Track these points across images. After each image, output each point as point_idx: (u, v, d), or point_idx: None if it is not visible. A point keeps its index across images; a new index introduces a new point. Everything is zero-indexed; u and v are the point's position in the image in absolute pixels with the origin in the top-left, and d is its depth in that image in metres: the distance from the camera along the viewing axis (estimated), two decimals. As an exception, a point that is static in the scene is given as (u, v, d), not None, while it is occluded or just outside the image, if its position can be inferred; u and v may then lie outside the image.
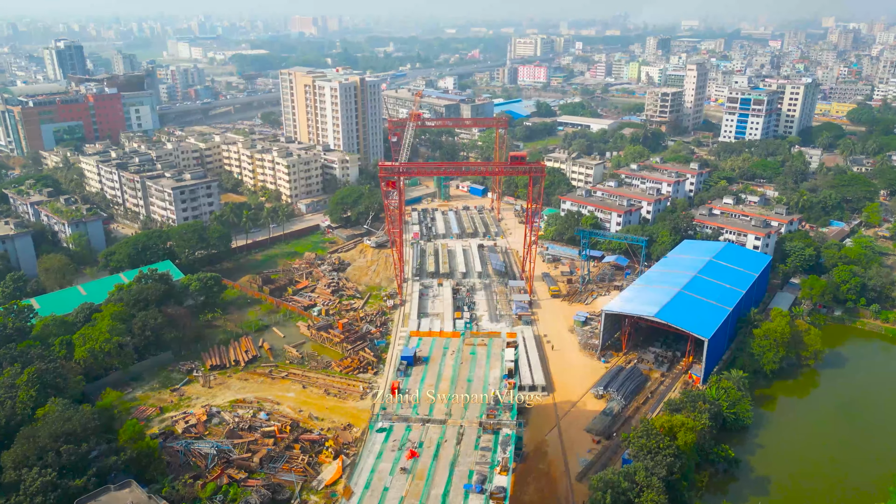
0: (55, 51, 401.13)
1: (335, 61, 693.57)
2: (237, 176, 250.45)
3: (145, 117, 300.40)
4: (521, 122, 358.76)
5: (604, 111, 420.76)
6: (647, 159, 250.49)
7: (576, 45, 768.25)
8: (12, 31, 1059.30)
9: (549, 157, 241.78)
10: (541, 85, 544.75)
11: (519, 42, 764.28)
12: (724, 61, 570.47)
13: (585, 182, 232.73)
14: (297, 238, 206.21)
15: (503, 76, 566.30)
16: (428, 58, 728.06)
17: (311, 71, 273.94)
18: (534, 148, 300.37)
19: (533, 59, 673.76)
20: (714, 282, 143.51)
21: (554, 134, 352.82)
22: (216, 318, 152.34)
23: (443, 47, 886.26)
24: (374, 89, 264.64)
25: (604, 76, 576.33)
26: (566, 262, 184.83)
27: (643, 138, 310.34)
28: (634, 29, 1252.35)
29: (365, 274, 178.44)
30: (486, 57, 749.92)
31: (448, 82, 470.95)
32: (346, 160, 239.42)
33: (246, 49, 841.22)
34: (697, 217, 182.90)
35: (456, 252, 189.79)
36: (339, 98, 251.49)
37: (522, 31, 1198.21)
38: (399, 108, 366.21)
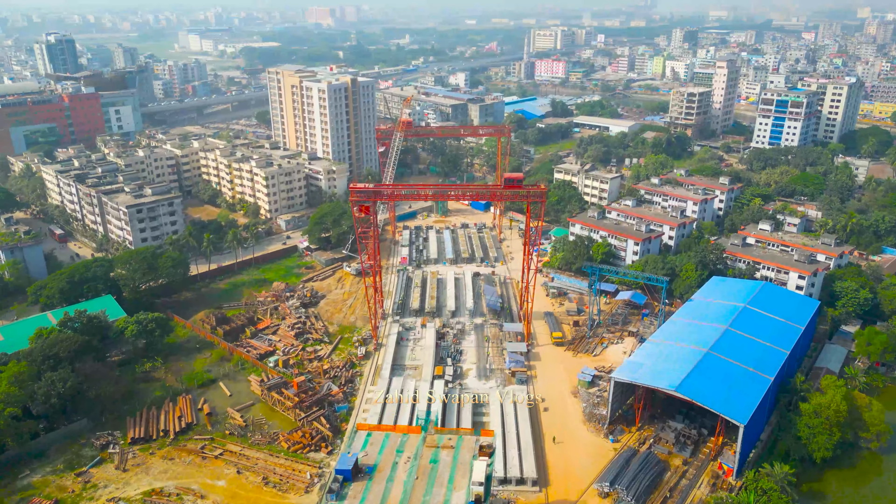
0: (45, 45, 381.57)
1: (346, 54, 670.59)
2: (216, 186, 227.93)
3: (126, 118, 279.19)
4: (534, 123, 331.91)
5: (624, 110, 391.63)
6: (671, 170, 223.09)
7: (598, 37, 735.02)
8: (27, 22, 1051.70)
9: (559, 169, 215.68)
10: (559, 80, 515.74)
11: (538, 34, 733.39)
12: (756, 55, 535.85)
13: (600, 198, 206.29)
14: (272, 261, 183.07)
15: (519, 71, 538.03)
16: (443, 50, 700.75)
17: (299, 70, 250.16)
18: (545, 155, 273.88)
19: (552, 53, 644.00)
20: (750, 338, 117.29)
21: (569, 136, 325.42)
22: (157, 367, 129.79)
23: (460, 39, 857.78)
24: (368, 90, 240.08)
25: (626, 71, 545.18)
26: (574, 296, 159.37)
27: (666, 143, 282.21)
28: (661, 19, 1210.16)
29: (339, 310, 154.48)
30: (505, 50, 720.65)
31: (459, 78, 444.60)
32: (333, 170, 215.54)
33: (257, 41, 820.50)
34: (729, 248, 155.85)
35: (447, 282, 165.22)
36: (327, 101, 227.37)
37: (544, 22, 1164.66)
38: (403, 110, 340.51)
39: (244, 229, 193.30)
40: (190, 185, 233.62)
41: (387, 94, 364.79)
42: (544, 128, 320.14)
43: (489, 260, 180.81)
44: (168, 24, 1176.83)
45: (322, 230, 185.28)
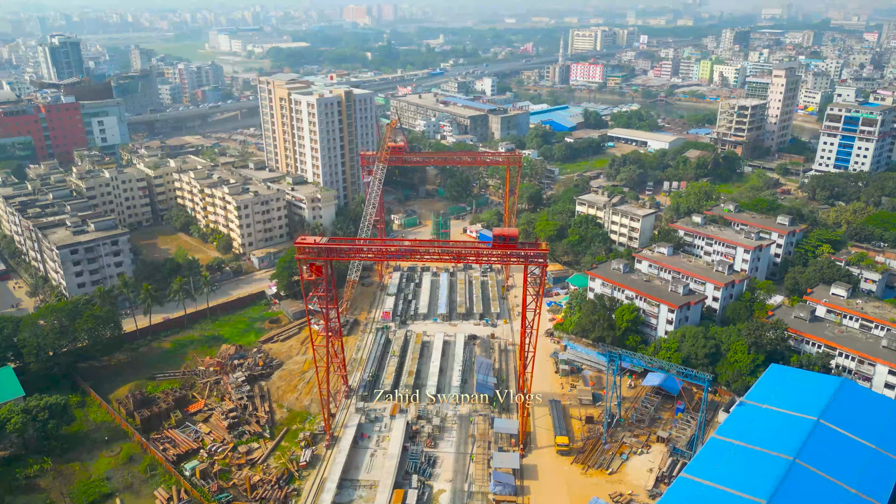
0: (48, 48, 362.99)
1: (375, 55, 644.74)
2: (191, 212, 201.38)
3: (111, 130, 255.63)
4: (562, 137, 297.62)
5: (666, 121, 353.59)
6: (717, 203, 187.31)
7: (640, 38, 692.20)
8: (65, 21, 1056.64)
9: (582, 201, 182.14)
10: (595, 86, 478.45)
11: (577, 34, 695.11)
12: (815, 59, 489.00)
13: (629, 238, 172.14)
14: (234, 310, 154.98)
15: (553, 75, 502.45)
16: (475, 52, 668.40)
17: (291, 81, 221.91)
18: (569, 178, 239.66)
19: (591, 55, 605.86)
20: (829, 479, 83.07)
21: (602, 152, 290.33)
22: (46, 470, 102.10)
23: (496, 39, 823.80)
24: (365, 105, 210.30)
25: (669, 76, 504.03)
26: (590, 374, 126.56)
27: (712, 164, 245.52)
28: (709, 18, 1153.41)
29: (293, 387, 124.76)
30: (541, 51, 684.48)
31: (485, 84, 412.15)
32: (318, 198, 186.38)
33: (287, 42, 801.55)
34: (793, 323, 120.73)
35: (433, 348, 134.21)
36: (316, 116, 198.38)
37: (586, 20, 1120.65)
38: (418, 120, 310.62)
39: (212, 267, 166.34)
40: (165, 209, 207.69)
41: (402, 102, 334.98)
42: (573, 143, 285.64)
43: (490, 317, 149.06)
44: (205, 23, 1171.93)
45: (293, 273, 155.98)
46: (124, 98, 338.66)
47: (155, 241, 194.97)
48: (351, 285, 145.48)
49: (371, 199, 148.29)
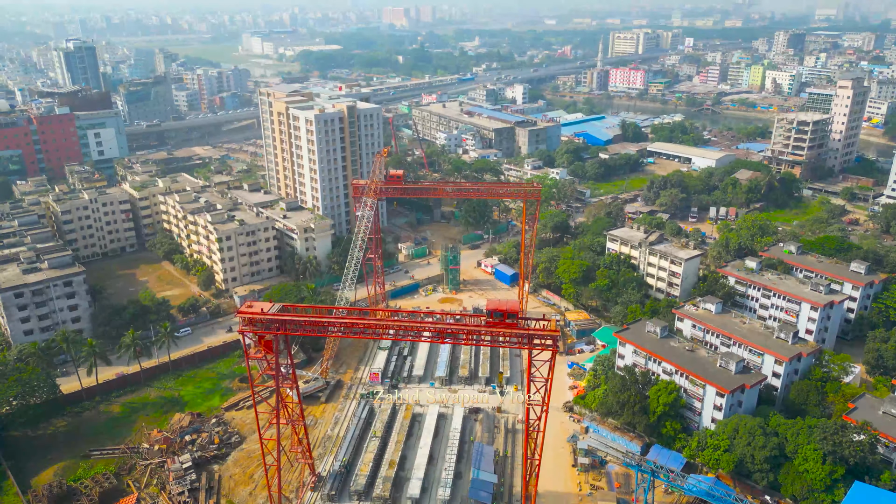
0: (63, 53, 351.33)
1: (406, 59, 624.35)
2: (177, 238, 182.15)
3: (108, 142, 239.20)
4: (596, 152, 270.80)
5: (713, 134, 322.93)
6: (774, 242, 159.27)
7: (685, 40, 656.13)
8: (106, 22, 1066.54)
9: (614, 237, 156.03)
10: (636, 93, 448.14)
11: (618, 37, 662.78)
12: (878, 65, 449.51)
13: (669, 284, 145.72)
14: (204, 362, 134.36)
15: (591, 80, 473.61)
16: (510, 55, 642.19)
17: (294, 92, 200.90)
18: (600, 203, 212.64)
19: (632, 58, 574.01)
20: None
21: (640, 170, 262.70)
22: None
23: (534, 42, 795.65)
24: (372, 120, 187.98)
25: (716, 82, 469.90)
26: (616, 470, 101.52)
27: (767, 187, 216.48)
28: (760, 19, 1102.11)
29: (247, 480, 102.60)
30: (580, 54, 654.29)
31: (517, 91, 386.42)
32: (311, 228, 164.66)
33: (319, 44, 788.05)
34: (881, 426, 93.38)
35: (424, 427, 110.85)
36: (314, 134, 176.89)
37: (629, 22, 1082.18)
38: (439, 133, 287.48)
39: (185, 309, 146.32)
40: (152, 233, 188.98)
41: (425, 111, 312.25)
42: (608, 159, 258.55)
43: (498, 382, 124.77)
44: (243, 26, 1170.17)
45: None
46: (137, 105, 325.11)
47: (136, 270, 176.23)
48: (332, 342, 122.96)
49: (357, 241, 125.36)
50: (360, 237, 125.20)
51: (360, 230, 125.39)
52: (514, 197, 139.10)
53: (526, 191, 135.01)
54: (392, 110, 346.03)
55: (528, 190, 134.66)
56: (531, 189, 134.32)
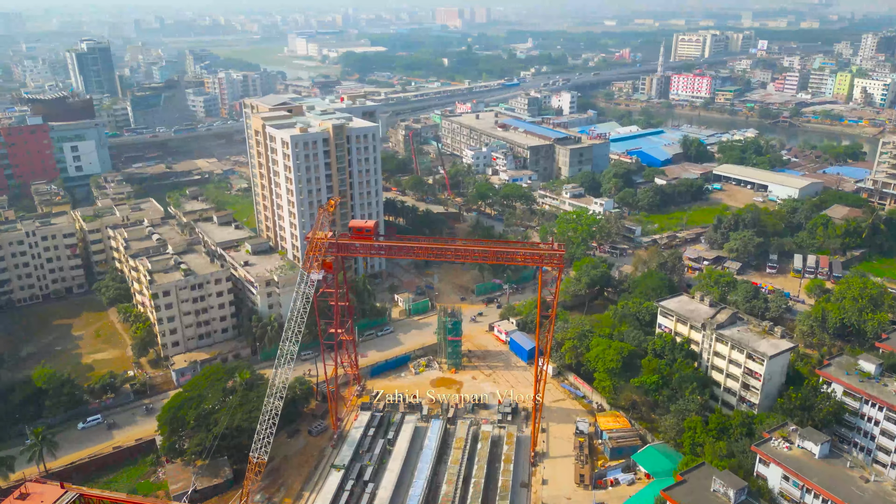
0: (76, 54, 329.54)
1: (452, 62, 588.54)
2: (128, 281, 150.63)
3: (88, 157, 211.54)
4: (651, 175, 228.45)
5: (793, 154, 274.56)
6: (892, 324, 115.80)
7: (758, 43, 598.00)
8: (160, 24, 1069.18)
9: (667, 311, 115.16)
10: (701, 102, 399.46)
11: (682, 39, 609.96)
12: None
13: (744, 387, 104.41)
14: (108, 469, 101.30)
15: (650, 87, 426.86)
16: (563, 58, 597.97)
17: (280, 105, 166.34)
18: (654, 245, 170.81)
19: (697, 63, 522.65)
20: None
21: (703, 198, 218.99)
22: None
23: (590, 44, 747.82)
24: (367, 142, 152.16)
25: (795, 90, 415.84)
26: None
27: (870, 230, 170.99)
28: (839, 20, 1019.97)
29: None
30: (640, 57, 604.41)
31: (563, 100, 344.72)
32: (274, 280, 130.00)
33: (364, 45, 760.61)
34: None
35: None
36: (291, 159, 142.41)
37: (695, 22, 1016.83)
38: (467, 149, 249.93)
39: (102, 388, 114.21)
40: (104, 272, 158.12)
41: (455, 123, 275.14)
42: (665, 186, 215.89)
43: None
44: (294, 26, 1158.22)
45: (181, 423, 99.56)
46: (144, 112, 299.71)
47: (75, 319, 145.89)
48: (254, 470, 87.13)
49: (290, 332, 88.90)
50: (294, 324, 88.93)
51: (295, 314, 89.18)
52: (527, 262, 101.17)
53: (542, 255, 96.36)
54: (421, 120, 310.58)
55: (546, 254, 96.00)
56: (550, 253, 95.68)
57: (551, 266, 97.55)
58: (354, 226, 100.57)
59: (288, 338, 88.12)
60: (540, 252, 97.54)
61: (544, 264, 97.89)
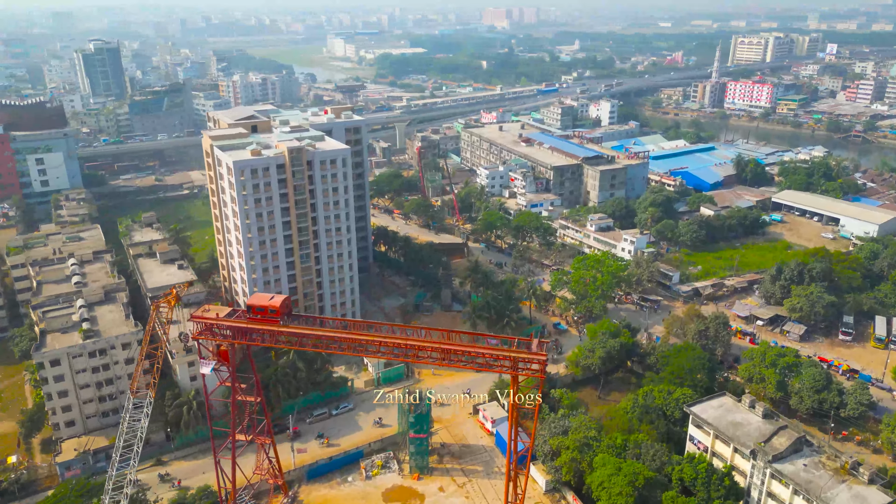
0: (82, 55, 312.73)
1: (490, 65, 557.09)
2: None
3: (55, 170, 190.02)
4: (697, 200, 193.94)
5: (869, 177, 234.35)
6: None
7: (826, 47, 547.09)
8: (205, 23, 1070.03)
9: (701, 420, 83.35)
10: (760, 112, 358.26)
11: (741, 42, 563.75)
12: None
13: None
14: None
15: (703, 94, 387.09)
16: (609, 61, 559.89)
17: (242, 120, 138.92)
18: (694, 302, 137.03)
19: (758, 68, 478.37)
20: None
21: (759, 232, 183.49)
22: None
23: (641, 46, 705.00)
24: (336, 168, 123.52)
25: (869, 101, 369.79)
26: None
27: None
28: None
29: None
30: (695, 61, 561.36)
31: (602, 110, 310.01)
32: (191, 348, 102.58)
33: (403, 46, 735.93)
34: None
35: None
36: (235, 189, 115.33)
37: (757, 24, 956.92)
38: (481, 168, 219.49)
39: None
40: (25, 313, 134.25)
41: (475, 136, 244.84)
42: (713, 217, 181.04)
43: None
44: (340, 27, 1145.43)
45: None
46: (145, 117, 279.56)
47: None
48: None
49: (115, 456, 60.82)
50: (132, 445, 60.95)
51: (129, 433, 61.17)
52: (493, 370, 70.90)
53: (514, 361, 66.05)
54: (441, 130, 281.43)
55: (521, 361, 65.66)
56: (529, 360, 65.37)
57: (530, 376, 67.34)
58: (254, 304, 72.19)
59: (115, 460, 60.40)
60: (512, 357, 67.08)
61: (519, 374, 67.61)
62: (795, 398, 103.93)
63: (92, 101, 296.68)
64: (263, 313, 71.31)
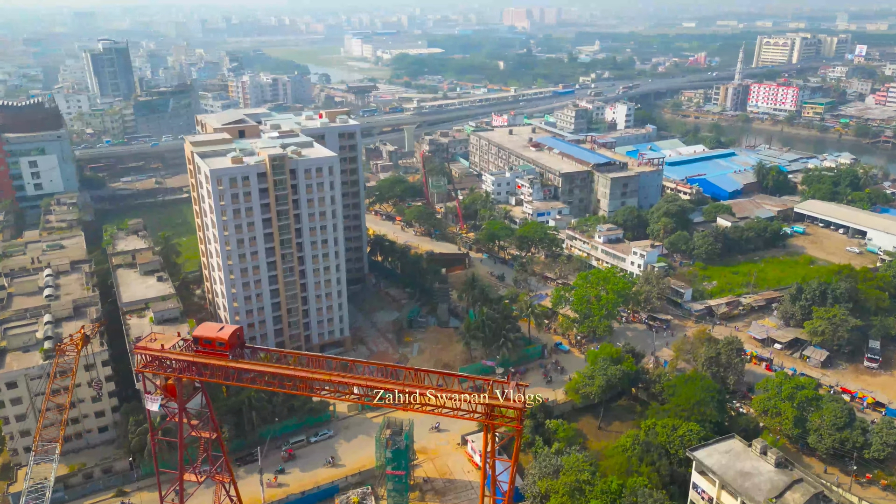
0: (91, 55, 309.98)
1: (507, 66, 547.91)
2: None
3: (48, 174, 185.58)
4: (713, 210, 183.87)
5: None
6: None
7: (855, 48, 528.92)
8: (226, 23, 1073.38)
9: (706, 468, 74.33)
10: (784, 115, 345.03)
11: (766, 42, 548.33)
12: None
13: None
14: None
15: (725, 97, 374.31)
16: (629, 62, 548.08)
17: (229, 125, 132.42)
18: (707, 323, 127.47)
19: (784, 70, 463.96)
20: None
21: (780, 245, 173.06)
22: None
23: (663, 47, 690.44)
24: (322, 177, 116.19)
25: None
26: None
27: None
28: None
29: None
30: (718, 62, 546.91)
31: (619, 112, 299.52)
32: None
33: (421, 47, 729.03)
34: None
35: None
36: (212, 198, 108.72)
37: (784, 24, 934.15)
38: (487, 174, 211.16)
39: None
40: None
41: (483, 140, 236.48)
42: (730, 228, 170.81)
43: None
44: (360, 27, 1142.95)
45: None
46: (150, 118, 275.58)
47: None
48: None
49: None
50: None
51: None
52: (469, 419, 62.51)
53: (488, 412, 57.96)
54: (450, 133, 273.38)
55: (499, 410, 57.57)
56: (503, 410, 57.26)
57: (506, 426, 59.25)
58: (200, 335, 64.89)
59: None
60: (486, 405, 58.81)
61: (494, 423, 59.45)
62: (814, 436, 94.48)
63: (99, 101, 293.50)
64: (210, 346, 64.01)
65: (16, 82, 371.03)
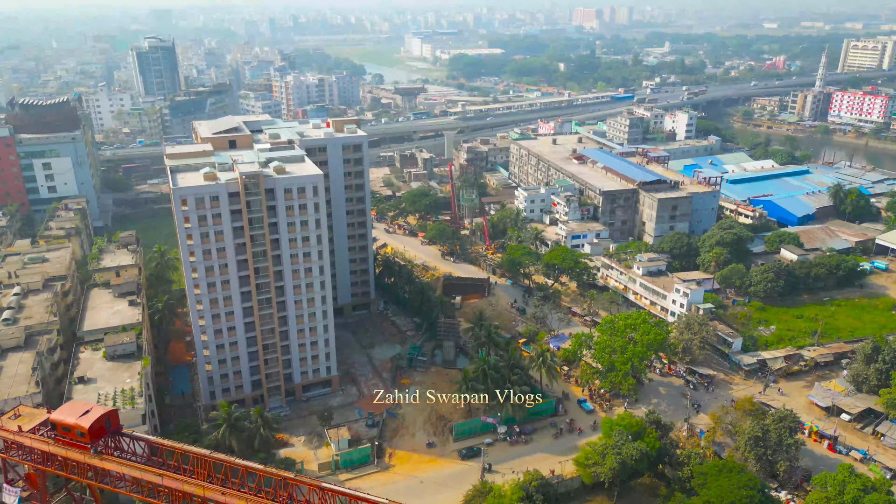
0: (136, 53, 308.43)
1: (568, 68, 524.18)
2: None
3: (62, 176, 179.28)
4: (776, 239, 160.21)
5: None
6: None
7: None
8: (293, 22, 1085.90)
9: None
10: (871, 128, 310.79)
11: (854, 46, 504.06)
12: None
13: None
14: None
15: (803, 105, 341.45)
16: (699, 66, 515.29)
17: (221, 134, 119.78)
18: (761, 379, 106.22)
19: (873, 76, 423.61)
20: None
21: (856, 284, 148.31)
22: None
23: (740, 49, 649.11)
24: (305, 198, 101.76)
25: None
26: None
27: None
28: None
29: None
30: (799, 66, 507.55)
31: (679, 122, 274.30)
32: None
33: (482, 47, 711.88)
34: None
35: None
36: (177, 221, 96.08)
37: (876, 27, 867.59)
38: (520, 189, 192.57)
39: None
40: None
41: (523, 150, 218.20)
42: (794, 264, 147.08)
43: None
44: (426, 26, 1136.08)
45: None
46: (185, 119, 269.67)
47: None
48: None
49: None
50: None
51: None
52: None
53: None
54: (490, 141, 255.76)
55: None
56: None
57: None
58: (58, 419, 51.05)
59: None
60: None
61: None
62: (886, 558, 73.47)
63: (141, 100, 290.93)
64: (69, 434, 50.13)
65: (69, 79, 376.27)
